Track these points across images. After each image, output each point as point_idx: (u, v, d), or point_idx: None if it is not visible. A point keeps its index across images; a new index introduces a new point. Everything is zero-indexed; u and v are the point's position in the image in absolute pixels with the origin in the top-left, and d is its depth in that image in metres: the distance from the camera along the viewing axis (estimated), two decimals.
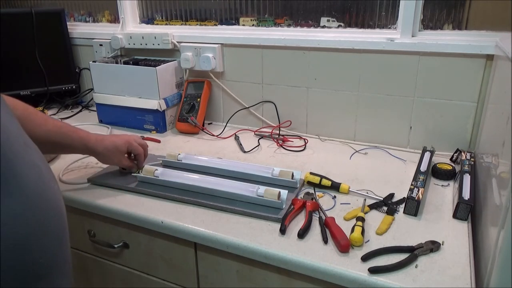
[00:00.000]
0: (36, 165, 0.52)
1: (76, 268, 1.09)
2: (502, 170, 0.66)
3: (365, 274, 0.67)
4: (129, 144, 0.97)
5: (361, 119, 1.24)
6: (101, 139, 0.94)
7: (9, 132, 0.49)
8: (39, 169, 0.53)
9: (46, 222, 0.51)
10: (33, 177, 0.51)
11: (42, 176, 0.53)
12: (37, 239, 0.49)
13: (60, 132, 0.86)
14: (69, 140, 0.88)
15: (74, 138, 0.89)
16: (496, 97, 0.90)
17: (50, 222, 0.52)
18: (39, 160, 0.55)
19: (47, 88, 1.59)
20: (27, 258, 0.48)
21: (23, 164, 0.50)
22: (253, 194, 0.87)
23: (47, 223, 0.52)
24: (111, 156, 0.95)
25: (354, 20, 1.23)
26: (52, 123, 0.85)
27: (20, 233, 0.47)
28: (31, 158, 0.52)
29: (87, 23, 1.73)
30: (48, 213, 0.52)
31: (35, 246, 0.49)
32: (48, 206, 0.52)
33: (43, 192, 0.52)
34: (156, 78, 1.31)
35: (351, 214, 0.84)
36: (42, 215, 0.51)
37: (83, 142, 0.90)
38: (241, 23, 1.40)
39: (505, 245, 0.56)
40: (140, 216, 0.87)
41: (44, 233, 0.51)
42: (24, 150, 0.51)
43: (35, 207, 0.50)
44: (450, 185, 0.97)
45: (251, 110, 1.39)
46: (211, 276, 0.87)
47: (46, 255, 0.51)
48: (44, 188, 0.53)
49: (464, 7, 1.10)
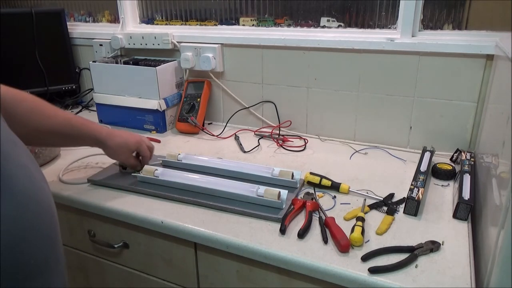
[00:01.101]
0: (25, 165, 0.51)
1: (76, 268, 1.09)
2: (502, 170, 0.66)
3: (365, 274, 0.67)
4: (139, 145, 0.99)
5: (361, 119, 1.24)
6: (112, 133, 0.94)
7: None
8: (28, 170, 0.52)
9: (37, 223, 0.51)
10: (23, 178, 0.50)
11: (32, 176, 0.52)
12: (28, 240, 0.49)
13: (70, 125, 0.86)
14: (79, 132, 0.88)
15: (83, 130, 0.89)
16: (496, 97, 0.90)
17: (41, 223, 0.52)
18: (28, 160, 0.54)
19: (47, 88, 1.59)
20: (17, 259, 0.47)
21: (12, 165, 0.49)
22: (253, 194, 0.87)
23: (38, 224, 0.51)
24: (119, 153, 0.96)
25: (354, 20, 1.23)
26: (63, 115, 0.85)
27: (10, 235, 0.46)
28: (20, 158, 0.51)
29: (87, 23, 1.73)
30: (39, 214, 0.52)
31: (26, 248, 0.48)
32: (39, 207, 0.52)
33: (34, 193, 0.51)
34: (156, 78, 1.31)
35: (351, 214, 0.84)
36: (33, 217, 0.50)
37: (93, 134, 0.91)
38: (241, 23, 1.40)
39: (505, 245, 0.56)
40: (140, 216, 0.87)
41: (35, 235, 0.50)
42: (12, 150, 0.50)
43: (25, 209, 0.49)
44: (450, 185, 0.97)
45: (251, 110, 1.39)
46: (211, 276, 0.87)
47: (37, 256, 0.50)
48: (34, 189, 0.52)
49: (464, 7, 1.10)
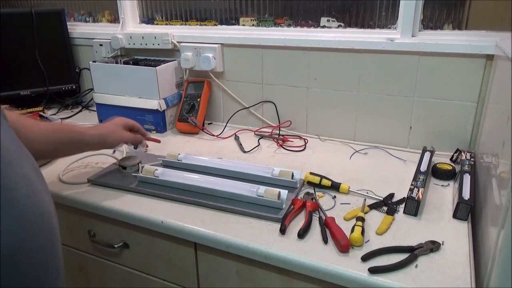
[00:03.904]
0: (27, 176, 0.51)
1: (76, 268, 1.09)
2: (502, 170, 0.66)
3: (365, 274, 0.67)
4: (126, 120, 1.00)
5: (361, 119, 1.24)
6: (97, 126, 0.97)
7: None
8: (30, 181, 0.51)
9: (36, 236, 0.50)
10: (24, 190, 0.49)
11: (34, 187, 0.52)
12: (26, 253, 0.48)
13: (53, 129, 0.86)
14: (67, 134, 0.88)
15: (71, 131, 0.89)
16: (496, 97, 0.90)
17: (41, 236, 0.51)
18: (31, 170, 0.53)
19: (47, 88, 1.59)
20: (14, 272, 0.47)
21: (13, 175, 0.48)
22: (253, 194, 0.87)
23: (38, 237, 0.50)
24: (114, 134, 0.96)
25: (354, 20, 1.23)
26: (44, 123, 0.85)
27: (8, 247, 0.45)
28: (23, 168, 0.51)
29: (87, 23, 1.73)
30: (39, 227, 0.51)
31: (22, 260, 0.48)
32: (39, 219, 0.51)
33: (34, 205, 0.51)
34: (156, 78, 1.31)
35: (351, 214, 0.84)
36: (33, 229, 0.49)
37: (81, 132, 0.90)
38: (241, 23, 1.40)
39: (505, 245, 0.56)
40: (140, 216, 0.87)
41: (33, 248, 0.49)
42: (15, 160, 0.50)
43: (25, 221, 0.48)
44: (450, 185, 0.97)
45: (251, 110, 1.39)
46: (211, 276, 0.87)
47: (34, 269, 0.50)
48: (35, 200, 0.51)
49: (464, 7, 1.10)
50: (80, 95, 1.71)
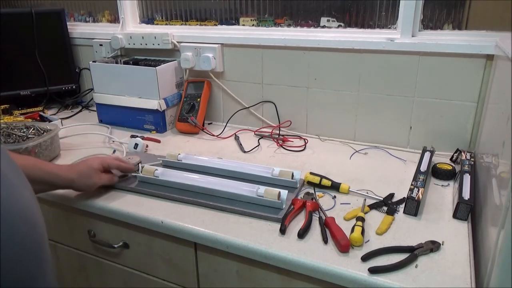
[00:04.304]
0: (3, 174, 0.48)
1: (76, 268, 1.09)
2: (502, 170, 0.66)
3: (365, 274, 0.67)
4: (102, 160, 0.93)
5: (361, 119, 1.24)
6: (71, 165, 0.90)
7: None
8: (5, 178, 0.48)
9: (15, 235, 0.48)
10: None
11: (10, 184, 0.49)
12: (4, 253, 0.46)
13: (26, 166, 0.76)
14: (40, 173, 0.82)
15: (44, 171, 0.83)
16: (496, 97, 0.90)
17: (21, 234, 0.49)
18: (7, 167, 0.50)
19: (47, 88, 1.59)
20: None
21: None
22: (253, 194, 0.87)
23: (17, 235, 0.48)
24: (86, 180, 0.89)
25: (354, 20, 1.23)
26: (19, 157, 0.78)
27: None
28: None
29: (87, 23, 1.73)
30: (19, 224, 0.48)
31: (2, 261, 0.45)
32: (18, 217, 0.49)
33: (11, 202, 0.48)
34: (156, 78, 1.31)
35: (351, 214, 0.84)
36: (11, 229, 0.47)
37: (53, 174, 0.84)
38: (241, 23, 1.40)
39: (505, 245, 0.56)
40: (140, 216, 0.87)
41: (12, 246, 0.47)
42: None
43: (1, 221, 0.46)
44: (450, 185, 0.97)
45: (251, 110, 1.39)
46: (211, 276, 0.87)
47: (17, 270, 0.48)
48: (14, 197, 0.49)
49: (464, 7, 1.10)
50: (80, 95, 1.71)
